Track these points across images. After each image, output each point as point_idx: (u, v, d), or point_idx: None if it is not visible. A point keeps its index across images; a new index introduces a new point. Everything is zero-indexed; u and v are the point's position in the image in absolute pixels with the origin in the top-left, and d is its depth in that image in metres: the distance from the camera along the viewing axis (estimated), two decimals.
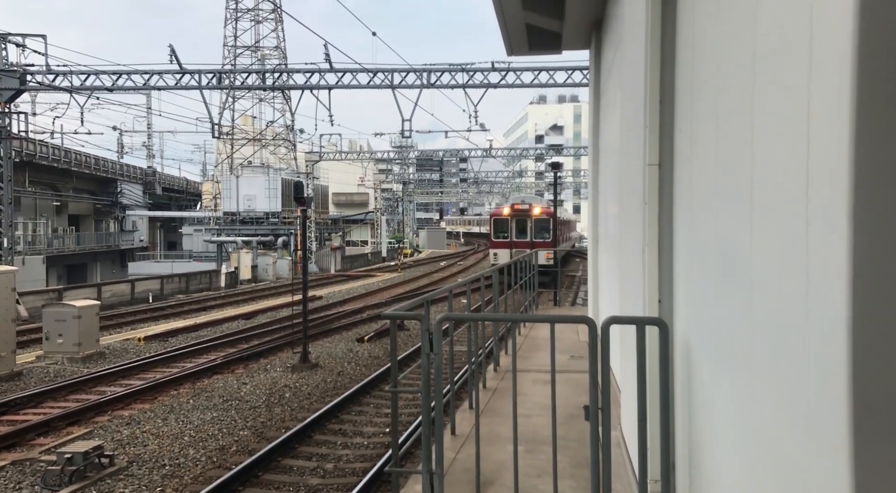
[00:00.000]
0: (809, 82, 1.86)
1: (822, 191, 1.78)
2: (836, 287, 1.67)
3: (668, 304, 4.05)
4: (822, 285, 1.78)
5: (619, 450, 5.54)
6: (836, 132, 1.66)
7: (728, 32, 2.82)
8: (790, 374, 2.05)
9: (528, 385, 8.21)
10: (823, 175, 1.77)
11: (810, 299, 1.87)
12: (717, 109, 2.99)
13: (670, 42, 4.00)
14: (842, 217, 1.64)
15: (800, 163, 1.93)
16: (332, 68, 27.54)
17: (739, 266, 2.61)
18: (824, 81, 1.77)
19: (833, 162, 1.69)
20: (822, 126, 1.79)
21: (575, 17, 9.69)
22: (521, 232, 30.93)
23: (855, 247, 1.60)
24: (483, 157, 53.71)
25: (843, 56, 1.62)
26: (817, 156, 1.82)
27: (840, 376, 1.65)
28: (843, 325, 1.64)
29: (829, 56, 1.73)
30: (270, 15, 54.95)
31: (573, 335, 11.58)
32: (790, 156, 2.03)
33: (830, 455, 1.72)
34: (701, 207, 3.32)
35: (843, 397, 1.64)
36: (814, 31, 1.83)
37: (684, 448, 3.73)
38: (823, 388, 1.77)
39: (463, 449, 5.99)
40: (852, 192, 1.60)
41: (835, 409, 1.68)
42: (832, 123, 1.70)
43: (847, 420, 1.63)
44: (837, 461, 1.67)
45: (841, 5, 1.63)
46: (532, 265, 14.05)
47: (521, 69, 26.53)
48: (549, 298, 21.96)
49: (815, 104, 1.83)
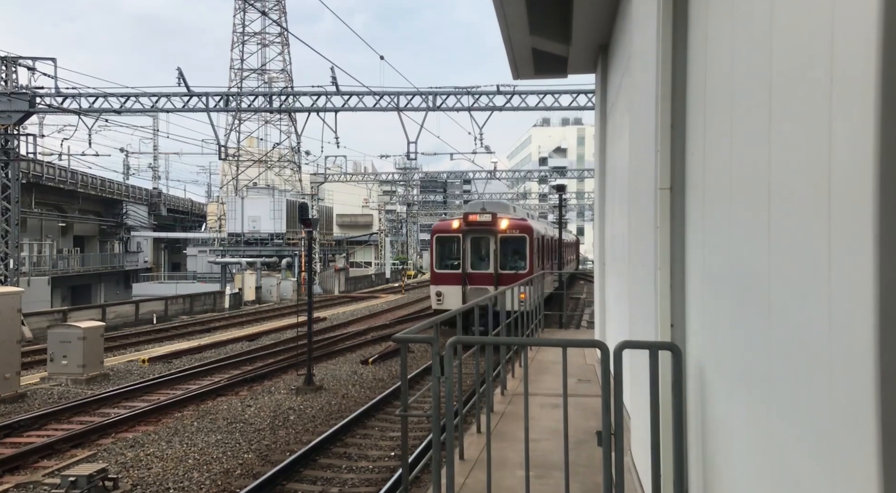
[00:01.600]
0: (830, 107, 1.86)
1: (846, 213, 1.76)
2: (862, 311, 1.65)
3: (681, 328, 4.02)
4: (847, 309, 1.76)
5: (630, 476, 5.48)
6: (860, 152, 1.65)
7: (743, 56, 2.83)
8: (812, 400, 2.02)
9: (535, 409, 8.14)
10: (847, 197, 1.75)
11: (834, 324, 1.85)
12: (731, 133, 2.99)
13: (681, 65, 4.01)
14: (867, 240, 1.62)
15: (821, 185, 1.92)
16: (339, 91, 27.74)
17: (756, 290, 2.59)
18: (845, 102, 1.77)
19: (857, 183, 1.67)
20: (844, 146, 1.78)
21: (581, 42, 9.77)
22: (479, 258, 20.53)
23: (881, 270, 1.58)
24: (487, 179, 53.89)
25: (866, 73, 1.62)
26: (840, 177, 1.80)
27: (867, 404, 1.63)
28: (869, 350, 1.62)
29: (850, 74, 1.73)
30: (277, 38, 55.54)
31: (580, 359, 11.52)
32: (810, 178, 2.02)
33: (857, 484, 1.69)
34: (715, 230, 3.30)
35: (871, 425, 1.61)
36: (834, 52, 1.84)
37: (698, 475, 3.68)
38: (849, 415, 1.75)
39: (472, 474, 5.92)
40: (878, 214, 1.59)
41: (862, 437, 1.66)
42: (855, 143, 1.69)
43: (875, 449, 1.60)
44: (865, 490, 1.64)
45: (864, 24, 1.63)
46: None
47: (527, 92, 26.68)
48: (555, 321, 21.89)
49: (837, 126, 1.82)
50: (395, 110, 27.89)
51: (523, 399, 4.62)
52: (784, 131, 2.30)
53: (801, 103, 2.12)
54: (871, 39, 1.59)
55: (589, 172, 49.09)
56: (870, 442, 1.61)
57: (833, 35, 1.85)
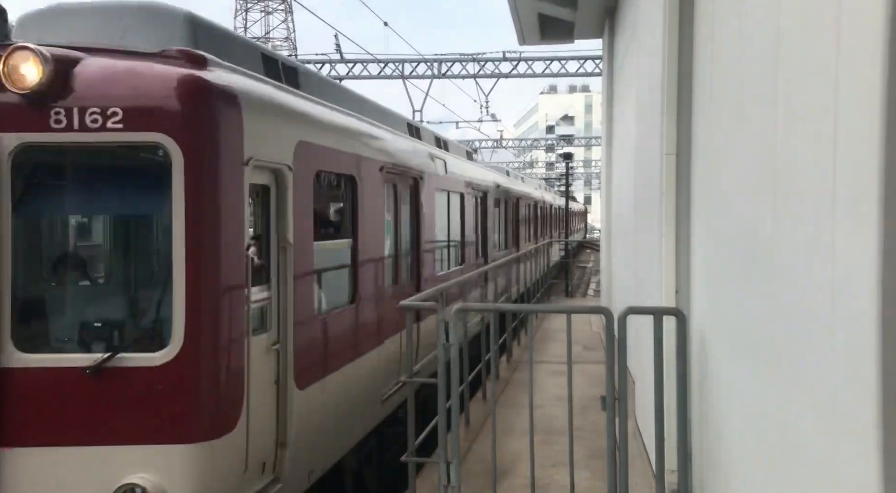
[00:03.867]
0: (837, 67, 1.83)
1: (851, 179, 1.75)
2: (865, 276, 1.65)
3: (686, 294, 4.02)
4: (850, 275, 1.76)
5: (635, 441, 5.54)
6: (866, 118, 1.63)
7: (750, 17, 2.78)
8: (815, 363, 2.03)
9: (541, 376, 8.21)
10: (852, 162, 1.74)
11: (837, 289, 1.85)
12: (738, 97, 2.95)
13: (688, 29, 3.95)
14: (871, 205, 1.61)
15: (826, 150, 1.90)
16: (343, 59, 27.48)
17: (761, 256, 2.59)
18: (852, 66, 1.74)
19: (862, 149, 1.66)
20: (850, 112, 1.76)
21: (588, 6, 9.62)
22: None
23: (885, 235, 1.58)
24: (493, 147, 53.56)
25: (873, 39, 1.59)
26: (845, 143, 1.79)
27: (869, 366, 1.63)
28: (872, 314, 1.62)
29: (858, 40, 1.70)
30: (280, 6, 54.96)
31: (585, 326, 11.57)
32: (816, 143, 2.00)
33: (858, 444, 1.70)
34: (720, 196, 3.29)
35: (873, 387, 1.62)
36: (843, 13, 1.80)
37: (701, 439, 3.72)
38: (851, 377, 1.75)
39: (477, 440, 6.00)
40: (882, 180, 1.57)
41: (863, 398, 1.67)
42: (861, 108, 1.67)
43: (876, 409, 1.61)
44: (865, 450, 1.66)
45: None
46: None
47: (533, 59, 26.35)
48: (561, 288, 21.92)
49: (843, 90, 1.80)
50: (400, 78, 27.66)
51: (527, 366, 4.66)
52: (792, 94, 2.27)
53: (809, 66, 2.09)
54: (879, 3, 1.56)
55: (596, 140, 48.76)
56: (871, 405, 1.62)
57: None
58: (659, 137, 4.22)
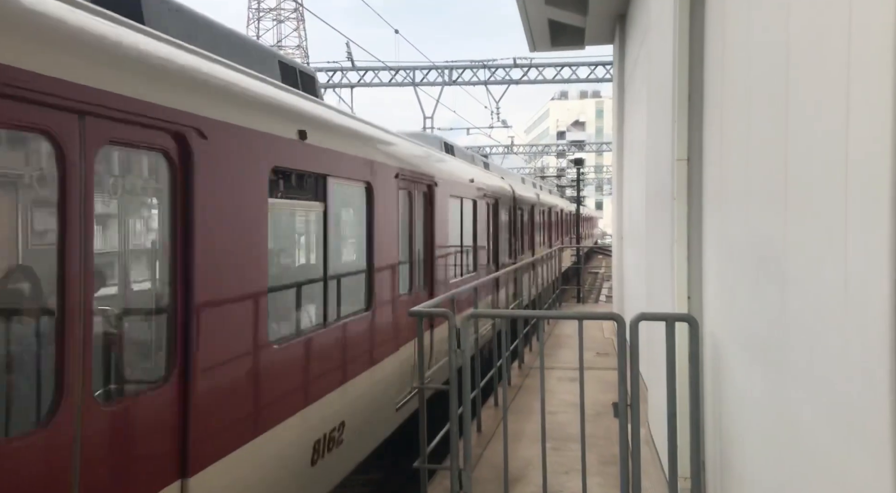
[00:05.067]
0: (848, 73, 1.83)
1: (862, 184, 1.74)
2: (878, 282, 1.64)
3: (698, 300, 4.01)
4: (863, 280, 1.75)
5: (648, 447, 5.51)
6: (878, 123, 1.63)
7: (760, 24, 2.78)
8: (828, 370, 2.02)
9: (553, 383, 8.18)
10: (863, 167, 1.73)
11: (850, 295, 1.84)
12: (748, 103, 2.95)
13: (699, 35, 3.95)
14: (883, 211, 1.61)
15: (838, 156, 1.90)
16: (354, 66, 27.62)
17: (773, 262, 2.58)
18: (863, 71, 1.74)
19: (874, 154, 1.65)
20: (861, 117, 1.75)
21: (598, 12, 9.63)
22: None
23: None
24: (504, 153, 53.55)
25: (884, 44, 1.59)
26: (857, 147, 1.78)
27: (882, 371, 1.63)
28: (885, 319, 1.61)
29: (868, 45, 1.70)
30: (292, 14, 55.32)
31: (598, 332, 11.52)
32: (828, 148, 1.99)
33: (873, 452, 1.69)
34: (731, 202, 3.28)
35: (887, 394, 1.61)
36: (852, 21, 1.80)
37: (715, 445, 3.70)
38: (865, 384, 1.74)
39: (489, 446, 5.98)
40: (894, 185, 1.57)
41: (878, 405, 1.66)
42: (872, 113, 1.67)
43: (890, 415, 1.60)
44: (880, 458, 1.65)
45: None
46: None
47: (544, 65, 26.38)
48: (573, 295, 21.87)
49: (854, 96, 1.80)
50: (411, 85, 27.76)
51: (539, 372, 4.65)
52: (802, 100, 2.26)
53: (819, 71, 2.09)
54: (889, 10, 1.56)
55: (608, 145, 48.66)
56: (885, 411, 1.61)
57: (852, 3, 1.81)
58: (670, 142, 4.22)
